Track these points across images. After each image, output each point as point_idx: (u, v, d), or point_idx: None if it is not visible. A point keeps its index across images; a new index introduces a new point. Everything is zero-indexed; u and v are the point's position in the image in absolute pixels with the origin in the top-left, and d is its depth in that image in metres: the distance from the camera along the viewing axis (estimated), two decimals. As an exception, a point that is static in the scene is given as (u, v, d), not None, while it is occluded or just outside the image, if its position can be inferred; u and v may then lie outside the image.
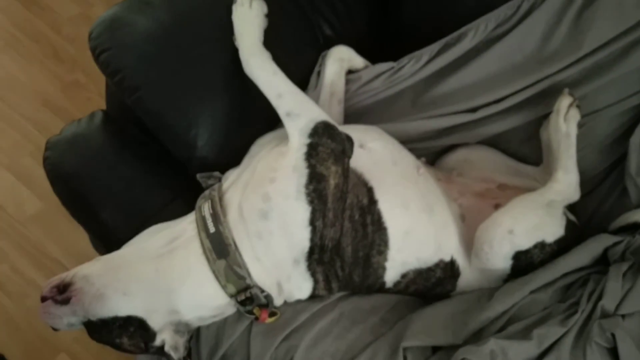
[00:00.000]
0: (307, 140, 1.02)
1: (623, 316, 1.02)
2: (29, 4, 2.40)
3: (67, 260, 1.78)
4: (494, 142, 1.32)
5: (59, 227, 1.86)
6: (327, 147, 1.02)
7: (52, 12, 2.40)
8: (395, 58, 1.30)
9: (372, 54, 1.32)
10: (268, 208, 0.99)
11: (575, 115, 1.17)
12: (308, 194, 0.99)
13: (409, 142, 1.24)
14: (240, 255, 1.00)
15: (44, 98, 2.16)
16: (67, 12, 2.40)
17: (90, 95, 2.17)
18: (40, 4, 2.41)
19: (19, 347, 1.65)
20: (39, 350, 1.66)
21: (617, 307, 1.03)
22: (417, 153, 1.24)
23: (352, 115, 1.30)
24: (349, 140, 1.06)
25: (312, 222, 1.00)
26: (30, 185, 1.95)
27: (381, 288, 1.13)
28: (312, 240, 1.00)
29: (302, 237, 1.00)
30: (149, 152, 1.24)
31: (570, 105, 1.17)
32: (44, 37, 2.32)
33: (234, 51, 1.09)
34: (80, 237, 1.67)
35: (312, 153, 1.01)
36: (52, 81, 2.21)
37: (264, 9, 1.12)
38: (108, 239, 1.17)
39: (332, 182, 1.01)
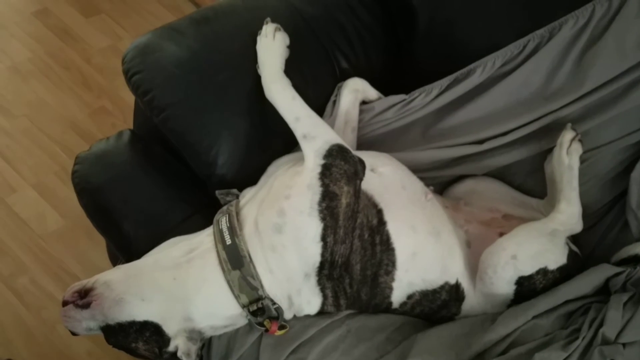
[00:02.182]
0: (322, 161, 1.06)
1: (624, 345, 1.03)
2: (63, 35, 2.51)
3: (84, 276, 1.71)
4: (500, 175, 1.35)
5: (79, 244, 1.89)
6: (340, 168, 1.05)
7: (83, 43, 2.50)
8: (407, 91, 1.33)
9: (385, 87, 1.36)
10: (282, 223, 1.03)
11: (577, 149, 1.20)
12: (321, 211, 1.02)
13: (418, 171, 1.26)
14: (254, 266, 1.02)
15: (72, 122, 2.23)
16: (97, 44, 2.51)
17: (115, 121, 2.24)
18: (72, 35, 2.52)
19: (34, 359, 1.66)
20: (53, 362, 1.67)
21: (618, 335, 1.04)
22: (426, 182, 1.26)
23: (365, 144, 1.33)
24: (362, 163, 1.09)
25: (324, 238, 1.02)
26: (54, 203, 1.99)
27: (388, 308, 1.15)
28: (322, 255, 1.03)
29: (313, 252, 1.03)
30: (172, 169, 1.28)
31: (573, 139, 1.20)
32: (75, 66, 2.42)
33: (257, 78, 1.15)
34: (98, 254, 1.73)
35: (326, 173, 1.05)
36: (80, 107, 2.29)
37: (286, 40, 1.17)
38: (129, 250, 1.19)
39: (344, 201, 1.04)
